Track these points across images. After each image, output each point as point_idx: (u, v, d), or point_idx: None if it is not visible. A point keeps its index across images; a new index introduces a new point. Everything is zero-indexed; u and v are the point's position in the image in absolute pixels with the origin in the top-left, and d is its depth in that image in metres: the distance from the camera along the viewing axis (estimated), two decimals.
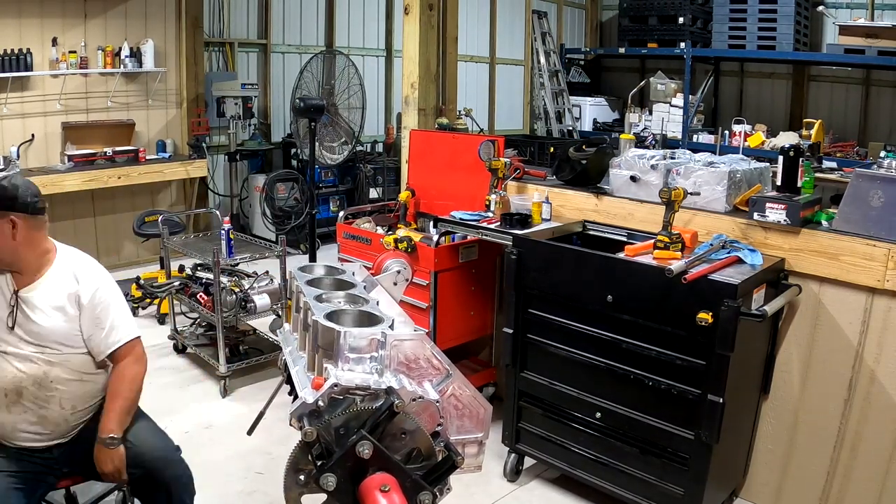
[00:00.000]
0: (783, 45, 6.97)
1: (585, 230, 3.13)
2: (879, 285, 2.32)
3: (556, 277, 2.65)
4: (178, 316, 4.06)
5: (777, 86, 8.00)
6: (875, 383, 2.39)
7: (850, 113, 7.42)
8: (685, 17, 7.66)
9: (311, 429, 1.30)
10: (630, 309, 2.41)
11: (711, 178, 2.77)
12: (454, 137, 3.96)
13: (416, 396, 1.41)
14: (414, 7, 3.96)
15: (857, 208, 2.41)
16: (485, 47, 8.38)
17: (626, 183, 3.03)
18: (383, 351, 1.43)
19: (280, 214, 6.16)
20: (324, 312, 1.53)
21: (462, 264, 3.30)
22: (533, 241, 2.78)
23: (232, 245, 3.67)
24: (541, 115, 8.64)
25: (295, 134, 6.17)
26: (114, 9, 5.42)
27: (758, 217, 2.58)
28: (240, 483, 2.82)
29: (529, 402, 2.81)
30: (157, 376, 3.76)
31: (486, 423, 1.61)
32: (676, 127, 7.57)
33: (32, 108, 5.12)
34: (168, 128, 5.97)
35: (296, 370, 1.59)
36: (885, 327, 2.35)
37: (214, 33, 6.36)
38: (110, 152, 5.34)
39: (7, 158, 4.77)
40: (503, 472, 2.91)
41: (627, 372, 2.45)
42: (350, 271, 1.99)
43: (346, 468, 1.31)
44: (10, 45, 4.87)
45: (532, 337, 2.75)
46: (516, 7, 8.59)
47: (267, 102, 6.81)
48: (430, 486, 1.37)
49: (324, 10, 7.15)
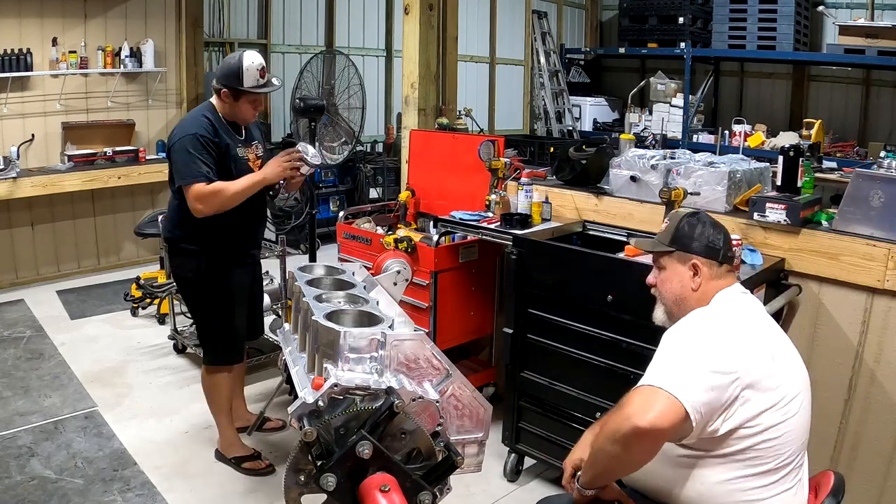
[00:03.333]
0: (783, 45, 6.96)
1: (585, 230, 3.13)
2: (879, 285, 2.32)
3: (556, 277, 2.65)
4: (178, 316, 4.05)
5: (777, 86, 8.00)
6: (875, 383, 2.39)
7: (850, 113, 7.41)
8: (685, 17, 7.65)
9: (311, 429, 1.30)
10: (630, 309, 2.41)
11: (711, 178, 2.77)
12: (454, 137, 3.95)
13: (416, 396, 1.41)
14: (414, 7, 3.96)
15: (857, 208, 2.41)
16: (485, 47, 8.37)
17: (626, 183, 3.03)
18: (383, 351, 1.43)
19: (280, 214, 6.15)
20: (324, 312, 1.53)
21: (462, 264, 3.30)
22: (533, 241, 2.78)
23: None
24: (541, 116, 8.64)
25: (295, 134, 6.15)
26: (114, 9, 5.42)
27: (758, 217, 2.58)
28: (240, 483, 2.82)
29: (529, 402, 2.81)
30: (157, 376, 3.76)
31: (486, 423, 1.61)
32: (676, 127, 7.57)
33: (32, 108, 5.12)
34: (168, 128, 5.95)
35: (296, 370, 1.59)
36: (885, 327, 2.35)
37: (214, 33, 6.36)
38: (110, 152, 5.34)
39: (7, 158, 4.78)
40: (503, 472, 2.91)
41: (627, 372, 2.44)
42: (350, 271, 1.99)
43: (346, 468, 1.31)
44: (10, 45, 4.87)
45: (532, 337, 2.75)
46: (516, 7, 8.59)
47: (267, 102, 6.80)
48: (430, 486, 1.37)
49: (324, 10, 7.15)
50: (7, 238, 5.12)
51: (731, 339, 1.56)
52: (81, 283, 5.33)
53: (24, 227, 5.21)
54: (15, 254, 5.18)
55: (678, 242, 1.79)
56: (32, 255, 5.27)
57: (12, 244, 5.16)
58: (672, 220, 1.84)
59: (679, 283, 1.78)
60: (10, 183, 4.72)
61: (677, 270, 1.79)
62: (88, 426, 3.19)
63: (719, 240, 1.77)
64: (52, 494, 2.64)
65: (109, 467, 2.86)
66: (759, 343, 1.58)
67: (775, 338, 1.67)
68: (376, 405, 1.34)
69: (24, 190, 4.82)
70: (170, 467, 2.89)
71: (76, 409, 3.35)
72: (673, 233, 1.80)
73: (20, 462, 2.85)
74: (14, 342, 4.14)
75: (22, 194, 4.84)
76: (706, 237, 1.77)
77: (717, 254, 1.76)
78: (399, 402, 1.34)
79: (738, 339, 1.56)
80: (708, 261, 1.75)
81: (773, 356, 1.58)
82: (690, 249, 1.77)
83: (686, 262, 1.77)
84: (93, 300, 4.94)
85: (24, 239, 5.22)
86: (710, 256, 1.75)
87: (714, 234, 1.77)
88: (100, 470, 2.83)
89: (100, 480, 2.75)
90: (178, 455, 3.00)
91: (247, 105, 2.71)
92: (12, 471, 2.78)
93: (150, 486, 2.74)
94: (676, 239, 1.80)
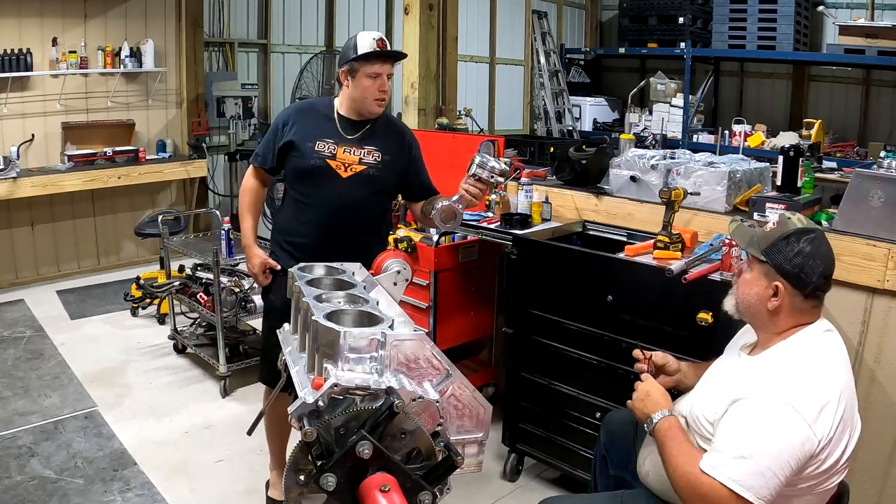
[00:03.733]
0: (783, 45, 6.96)
1: (585, 230, 3.13)
2: (879, 285, 2.32)
3: (556, 277, 2.65)
4: (178, 316, 4.06)
5: (777, 86, 7.99)
6: (875, 383, 2.39)
7: (850, 113, 7.41)
8: (685, 17, 7.65)
9: (311, 429, 1.30)
10: (630, 309, 2.41)
11: (711, 178, 2.77)
12: (454, 137, 3.96)
13: (416, 396, 1.41)
14: (414, 7, 3.96)
15: (857, 208, 2.41)
16: (485, 47, 8.37)
17: (626, 183, 3.03)
18: (383, 351, 1.43)
19: None
20: (324, 312, 1.53)
21: (462, 264, 3.30)
22: (533, 241, 2.78)
23: (232, 245, 3.67)
24: (541, 115, 8.64)
25: None
26: (114, 9, 5.42)
27: (758, 217, 2.58)
28: (240, 483, 2.82)
29: (529, 402, 2.81)
30: (157, 376, 3.76)
31: (486, 423, 1.61)
32: (676, 127, 7.57)
33: (32, 108, 5.12)
34: (168, 128, 5.97)
35: (296, 370, 1.59)
36: (885, 327, 2.35)
37: (214, 33, 6.36)
38: (110, 152, 5.34)
39: (7, 158, 4.78)
40: (503, 472, 2.91)
41: (627, 372, 2.44)
42: (350, 271, 1.98)
43: (346, 468, 1.31)
44: (10, 45, 4.87)
45: (532, 337, 2.75)
46: (516, 7, 8.59)
47: (267, 102, 6.80)
48: (430, 486, 1.37)
49: (324, 10, 7.15)
50: (7, 238, 5.12)
51: (813, 415, 1.47)
52: (81, 283, 5.34)
53: (24, 227, 5.21)
54: (15, 254, 5.18)
55: (770, 255, 1.63)
56: (32, 255, 5.27)
57: (12, 244, 5.16)
58: (780, 227, 1.66)
59: (756, 295, 1.65)
60: (10, 183, 4.73)
61: (760, 282, 1.64)
62: (88, 426, 3.19)
63: (815, 272, 1.59)
64: (52, 494, 2.64)
65: (109, 467, 2.86)
66: (838, 407, 1.50)
67: (849, 387, 1.57)
68: (376, 405, 1.34)
69: (24, 190, 4.83)
70: (170, 467, 2.89)
71: (76, 409, 3.35)
72: (772, 242, 1.64)
73: (20, 462, 2.85)
74: (14, 342, 4.14)
75: (22, 194, 4.84)
76: (800, 264, 1.60)
77: (804, 286, 1.60)
78: (399, 402, 1.34)
79: (822, 412, 1.47)
80: (793, 290, 1.60)
81: (846, 417, 1.52)
82: (780, 269, 1.61)
83: (771, 280, 1.62)
84: (93, 300, 4.95)
85: (24, 239, 5.22)
86: (797, 287, 1.60)
87: (812, 263, 1.59)
88: (100, 470, 2.83)
89: (100, 480, 2.76)
90: (178, 455, 3.00)
91: (366, 80, 2.29)
92: (12, 471, 2.78)
93: (150, 486, 2.74)
94: (770, 250, 1.63)
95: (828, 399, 1.49)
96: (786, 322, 1.63)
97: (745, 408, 1.51)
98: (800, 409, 1.46)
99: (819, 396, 1.49)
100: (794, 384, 1.51)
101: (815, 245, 1.61)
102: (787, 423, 1.46)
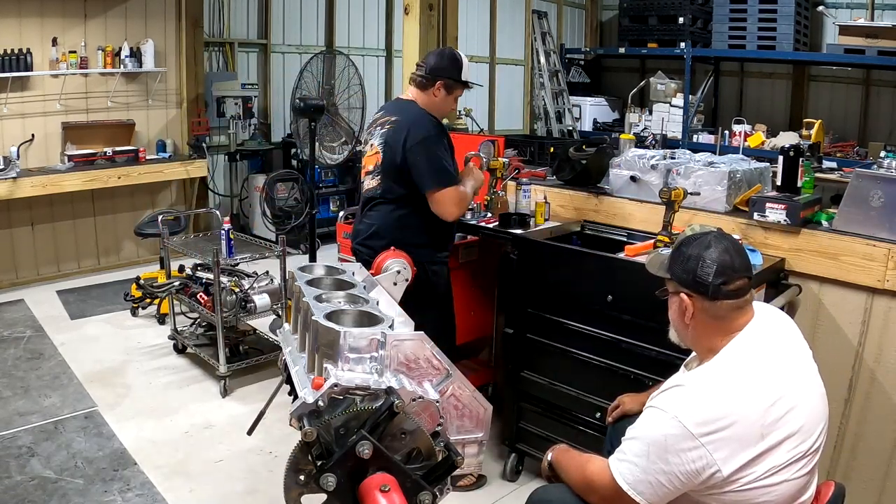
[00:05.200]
0: (783, 45, 6.96)
1: (585, 230, 3.13)
2: (879, 285, 2.32)
3: (555, 277, 2.65)
4: (178, 316, 4.06)
5: (777, 86, 7.99)
6: (875, 383, 2.39)
7: (850, 113, 7.41)
8: (685, 17, 7.65)
9: (311, 429, 1.30)
10: (630, 309, 2.41)
11: (711, 178, 2.77)
12: (454, 137, 3.95)
13: (416, 396, 1.41)
14: (414, 7, 3.96)
15: (857, 208, 2.41)
16: (485, 47, 8.37)
17: (626, 183, 3.03)
18: (383, 351, 1.43)
19: (280, 214, 6.14)
20: (324, 312, 1.53)
21: (462, 264, 3.30)
22: (532, 241, 2.78)
23: (232, 245, 3.67)
24: (541, 115, 8.64)
25: (295, 134, 6.16)
26: (114, 9, 5.42)
27: (758, 217, 2.58)
28: (240, 483, 2.82)
29: (529, 402, 2.81)
30: (157, 376, 3.76)
31: (486, 423, 1.61)
32: (676, 127, 7.57)
33: (32, 108, 5.12)
34: (168, 128, 5.97)
35: (296, 370, 1.59)
36: (885, 327, 2.35)
37: (214, 33, 6.36)
38: (110, 152, 5.34)
39: (7, 158, 4.78)
40: (503, 472, 2.91)
41: (627, 372, 2.44)
42: (350, 271, 1.99)
43: (346, 468, 1.31)
44: (10, 45, 4.87)
45: (532, 337, 2.75)
46: (516, 7, 8.59)
47: (267, 102, 6.81)
48: (430, 486, 1.38)
49: (324, 10, 7.15)
50: (7, 238, 5.12)
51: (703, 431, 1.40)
52: (81, 283, 5.34)
53: (24, 226, 5.21)
54: (15, 254, 5.18)
55: (671, 271, 1.58)
56: (32, 255, 5.27)
57: (12, 244, 5.16)
58: (676, 242, 1.63)
59: (676, 314, 1.59)
60: (10, 183, 4.72)
61: (674, 301, 1.59)
62: (88, 426, 3.19)
63: (709, 272, 1.49)
64: (52, 494, 2.64)
65: (109, 467, 2.86)
66: (743, 421, 1.41)
67: (789, 392, 1.48)
68: (376, 405, 1.34)
69: (24, 190, 4.82)
70: (170, 467, 2.89)
71: (76, 409, 3.35)
72: (670, 258, 1.59)
73: (20, 462, 2.85)
74: (14, 342, 4.14)
75: (22, 194, 4.84)
76: (691, 268, 1.52)
77: (704, 289, 1.50)
78: (399, 402, 1.34)
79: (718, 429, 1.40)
80: (698, 296, 1.52)
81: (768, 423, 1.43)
82: (679, 280, 1.55)
83: (678, 295, 1.56)
84: (93, 300, 4.95)
85: (24, 239, 5.22)
86: (699, 292, 1.52)
87: (703, 264, 1.50)
88: (100, 470, 2.83)
89: (100, 480, 2.75)
90: (178, 455, 3.00)
91: (452, 100, 2.60)
92: (12, 471, 2.78)
93: (150, 486, 2.74)
94: (670, 266, 1.58)
95: (725, 414, 1.41)
96: (711, 334, 1.55)
97: (644, 415, 1.53)
98: (687, 423, 1.41)
99: (716, 413, 1.42)
100: (693, 400, 1.45)
101: (702, 247, 1.54)
102: (671, 434, 1.42)
